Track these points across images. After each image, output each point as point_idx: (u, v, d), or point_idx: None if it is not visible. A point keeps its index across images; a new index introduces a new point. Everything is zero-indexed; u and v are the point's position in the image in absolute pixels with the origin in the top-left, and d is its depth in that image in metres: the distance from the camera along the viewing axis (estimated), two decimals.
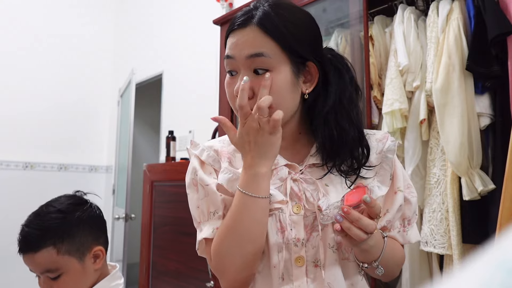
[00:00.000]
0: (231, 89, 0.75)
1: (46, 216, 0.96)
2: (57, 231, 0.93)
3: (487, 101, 1.26)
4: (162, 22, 3.49)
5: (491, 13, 1.21)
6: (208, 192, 0.75)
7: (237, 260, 0.69)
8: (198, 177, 0.77)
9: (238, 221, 0.69)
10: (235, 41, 0.73)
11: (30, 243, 0.93)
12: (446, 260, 1.31)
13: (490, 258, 0.17)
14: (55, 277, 0.93)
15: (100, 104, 4.01)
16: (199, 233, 0.75)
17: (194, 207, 0.78)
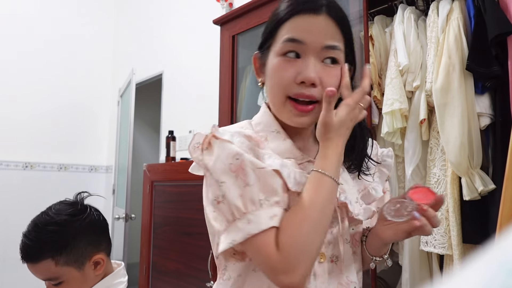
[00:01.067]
0: (289, 73, 0.70)
1: (44, 229, 0.96)
2: (54, 245, 0.95)
3: (487, 101, 1.26)
4: (162, 22, 3.49)
5: (491, 13, 1.21)
6: (262, 176, 0.66)
7: (314, 251, 0.64)
8: (247, 160, 0.66)
9: (320, 207, 0.65)
10: (308, 26, 0.70)
11: (29, 255, 0.95)
12: (446, 260, 1.31)
13: (490, 259, 0.17)
14: (57, 284, 0.96)
15: (100, 104, 4.01)
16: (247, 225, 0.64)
17: (235, 196, 0.65)
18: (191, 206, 2.07)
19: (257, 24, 1.85)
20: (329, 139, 0.69)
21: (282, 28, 0.72)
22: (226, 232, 0.66)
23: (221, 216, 0.67)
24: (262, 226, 0.64)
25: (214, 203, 0.67)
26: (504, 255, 0.16)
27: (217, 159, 0.67)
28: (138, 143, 3.96)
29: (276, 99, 0.73)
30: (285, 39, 0.71)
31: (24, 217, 3.72)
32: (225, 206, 0.66)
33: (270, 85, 0.74)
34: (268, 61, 0.75)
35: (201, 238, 1.97)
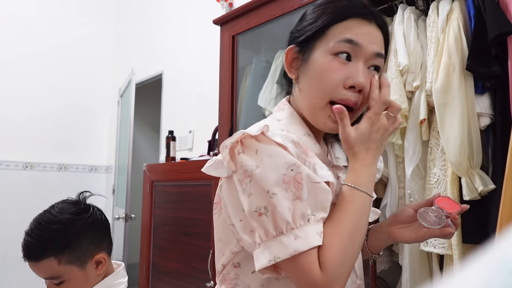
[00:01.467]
0: (339, 75, 0.68)
1: (47, 227, 0.96)
2: (57, 243, 0.95)
3: (487, 101, 1.26)
4: (162, 22, 3.49)
5: (491, 13, 1.21)
6: (314, 190, 0.63)
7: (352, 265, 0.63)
8: (304, 172, 0.62)
9: (358, 223, 0.64)
10: (366, 30, 0.70)
11: (31, 253, 0.95)
12: (446, 260, 1.31)
13: (490, 259, 0.17)
14: (58, 283, 0.96)
15: (100, 104, 4.01)
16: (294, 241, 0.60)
17: (285, 210, 0.61)
18: (191, 206, 2.07)
19: (257, 24, 1.85)
20: (355, 154, 0.68)
21: (336, 27, 0.70)
22: (264, 247, 0.61)
23: (260, 229, 0.62)
24: (311, 243, 0.60)
25: (254, 214, 0.62)
26: (504, 255, 0.16)
27: (270, 168, 0.61)
28: (138, 143, 3.96)
29: (317, 101, 0.70)
30: (342, 38, 0.68)
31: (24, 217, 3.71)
32: (268, 219, 0.61)
33: (313, 85, 0.70)
34: (313, 58, 0.71)
35: (201, 238, 1.97)
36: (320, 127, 0.72)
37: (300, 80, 0.73)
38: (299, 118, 0.75)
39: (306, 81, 0.72)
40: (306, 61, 0.72)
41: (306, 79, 0.72)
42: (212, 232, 1.89)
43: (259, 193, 0.62)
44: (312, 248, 0.60)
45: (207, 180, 1.98)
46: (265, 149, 0.62)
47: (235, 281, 0.72)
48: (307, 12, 0.77)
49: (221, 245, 0.73)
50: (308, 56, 0.72)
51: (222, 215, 0.71)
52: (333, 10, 0.71)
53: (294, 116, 0.75)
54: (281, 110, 0.77)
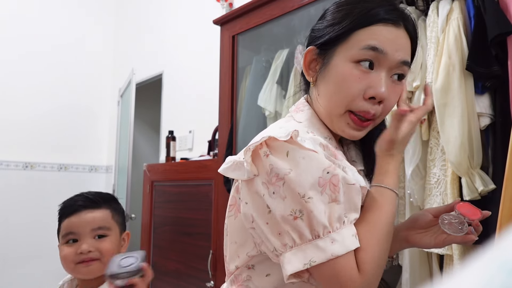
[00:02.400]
0: (360, 85, 0.65)
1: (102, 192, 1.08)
2: (112, 203, 1.06)
3: (487, 101, 1.26)
4: (162, 22, 3.49)
5: (491, 13, 1.21)
6: (349, 192, 0.62)
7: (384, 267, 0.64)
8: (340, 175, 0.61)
9: (391, 224, 0.65)
10: (392, 38, 0.65)
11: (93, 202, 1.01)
12: (446, 260, 1.31)
13: (490, 259, 0.17)
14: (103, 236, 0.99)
15: (100, 104, 4.01)
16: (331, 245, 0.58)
17: (321, 213, 0.59)
18: (191, 206, 2.07)
19: (257, 24, 1.85)
20: (392, 155, 0.69)
21: (361, 32, 0.65)
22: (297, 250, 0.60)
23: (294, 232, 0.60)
24: (349, 246, 0.59)
25: (289, 218, 0.60)
26: (504, 255, 0.16)
27: (305, 171, 0.59)
28: (138, 143, 3.96)
29: (335, 109, 0.68)
30: (366, 45, 0.65)
31: (24, 217, 3.70)
32: (303, 223, 0.59)
33: (331, 92, 0.68)
34: (334, 63, 0.68)
35: (201, 238, 1.97)
36: (339, 132, 0.71)
37: (319, 83, 0.71)
38: (320, 120, 0.72)
39: (324, 86, 0.69)
40: (326, 65, 0.69)
41: (325, 84, 0.69)
42: (212, 232, 1.89)
43: (293, 197, 0.60)
44: (349, 251, 0.59)
45: (207, 180, 1.98)
46: (297, 151, 0.60)
47: (247, 283, 0.71)
48: (329, 9, 0.72)
49: (236, 247, 0.71)
50: (328, 60, 0.68)
51: (238, 217, 0.69)
52: (360, 12, 0.66)
53: (315, 118, 0.72)
54: (301, 112, 0.74)
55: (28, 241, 3.35)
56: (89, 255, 0.95)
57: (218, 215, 1.85)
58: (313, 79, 0.72)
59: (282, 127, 0.65)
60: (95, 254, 0.95)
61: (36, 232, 3.38)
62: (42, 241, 3.39)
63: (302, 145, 0.60)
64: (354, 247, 0.60)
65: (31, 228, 3.37)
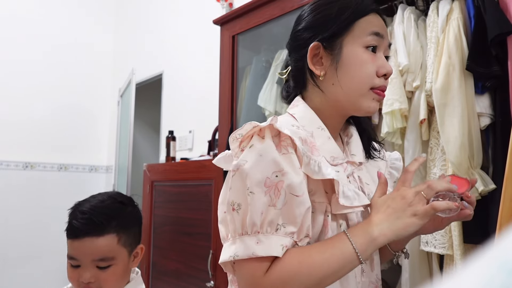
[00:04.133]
0: (374, 66, 0.73)
1: (111, 205, 0.95)
2: (120, 220, 0.94)
3: (487, 101, 1.26)
4: (162, 22, 3.49)
5: (491, 13, 1.21)
6: (292, 203, 0.62)
7: None
8: (287, 181, 0.61)
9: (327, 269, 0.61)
10: (381, 24, 0.76)
11: (97, 226, 0.91)
12: (446, 260, 1.31)
13: (490, 259, 0.17)
14: (105, 267, 0.91)
15: (100, 104, 4.01)
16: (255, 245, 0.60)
17: (257, 212, 0.61)
18: (191, 206, 2.07)
19: (257, 24, 1.85)
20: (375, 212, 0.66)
21: (362, 21, 0.73)
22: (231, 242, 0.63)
23: (231, 224, 0.64)
24: (271, 251, 0.60)
25: (229, 207, 0.63)
26: (504, 255, 0.16)
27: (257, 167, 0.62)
28: (138, 143, 3.96)
29: (358, 89, 0.73)
30: (372, 32, 0.73)
31: (24, 217, 3.70)
32: (239, 217, 0.62)
33: (353, 75, 0.73)
34: (346, 52, 0.73)
35: (201, 238, 1.97)
36: (364, 110, 0.74)
37: (333, 74, 0.74)
38: (313, 112, 0.76)
39: (343, 74, 0.73)
40: (338, 55, 0.73)
41: (344, 71, 0.73)
42: (212, 232, 1.89)
43: (239, 189, 0.62)
44: (269, 256, 0.60)
45: (207, 180, 1.98)
46: (259, 147, 0.62)
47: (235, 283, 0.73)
48: (311, 9, 0.77)
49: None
50: (340, 50, 0.73)
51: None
52: (356, 5, 0.74)
53: (308, 110, 0.76)
54: (295, 107, 0.78)
55: (28, 241, 3.35)
56: (89, 285, 0.90)
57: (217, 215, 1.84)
58: (322, 72, 0.75)
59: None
60: (96, 284, 0.90)
61: (36, 232, 3.38)
62: (42, 241, 3.39)
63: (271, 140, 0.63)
64: (275, 254, 0.60)
65: (31, 228, 3.37)
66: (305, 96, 0.79)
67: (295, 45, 0.78)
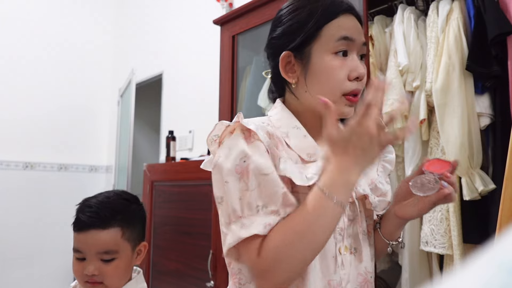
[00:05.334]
0: (344, 71, 0.72)
1: (116, 201, 0.99)
2: (125, 215, 0.97)
3: (487, 101, 1.26)
4: (162, 22, 3.49)
5: (491, 13, 1.21)
6: (265, 182, 0.64)
7: (296, 267, 0.63)
8: (253, 164, 0.64)
9: (312, 226, 0.61)
10: (354, 24, 0.74)
11: (102, 219, 0.94)
12: (446, 260, 1.31)
13: (490, 259, 0.17)
14: (109, 260, 0.94)
15: (100, 104, 4.01)
16: (240, 229, 0.63)
17: (235, 198, 0.64)
18: (191, 206, 2.07)
19: (257, 24, 1.85)
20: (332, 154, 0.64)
21: (329, 26, 0.72)
22: (224, 234, 0.67)
23: (221, 217, 0.69)
24: (252, 231, 0.62)
25: (218, 200, 0.69)
26: (504, 255, 0.16)
27: (228, 158, 0.67)
28: (138, 143, 3.95)
29: (331, 96, 0.70)
30: (340, 37, 0.72)
31: (24, 217, 3.70)
32: (223, 208, 0.67)
33: (323, 83, 0.73)
34: (315, 60, 0.73)
35: (201, 238, 1.97)
36: (339, 115, 0.74)
37: (303, 83, 0.75)
38: (290, 113, 0.77)
39: (314, 81, 0.74)
40: (308, 63, 0.74)
41: (314, 79, 0.73)
42: (212, 232, 1.89)
43: (217, 183, 0.68)
44: (255, 236, 0.63)
45: (207, 180, 1.97)
46: (228, 142, 0.69)
47: (239, 275, 0.74)
48: (284, 14, 0.78)
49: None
50: (308, 59, 0.73)
51: None
52: (322, 9, 0.73)
53: (285, 112, 0.78)
54: (274, 108, 0.81)
55: (28, 241, 3.35)
56: (93, 277, 0.93)
57: (218, 215, 1.84)
58: (294, 80, 0.76)
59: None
60: (99, 277, 0.93)
61: (36, 232, 3.38)
62: (42, 241, 3.39)
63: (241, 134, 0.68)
64: (254, 232, 0.62)
65: (31, 228, 3.37)
66: (285, 99, 0.81)
67: (270, 52, 0.80)
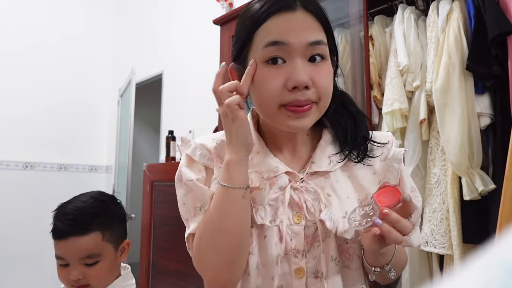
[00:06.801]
0: (278, 80, 0.64)
1: (93, 204, 0.99)
2: (103, 218, 0.98)
3: (487, 101, 1.26)
4: (162, 22, 3.49)
5: (491, 13, 1.21)
6: (192, 187, 0.71)
7: (213, 257, 0.66)
8: (182, 173, 0.73)
9: (213, 213, 0.66)
10: (288, 25, 0.64)
11: (80, 226, 0.94)
12: (446, 260, 1.31)
13: (490, 259, 0.17)
14: (92, 263, 0.95)
15: (100, 104, 4.01)
16: (187, 230, 0.73)
17: (180, 205, 0.74)
18: None
19: None
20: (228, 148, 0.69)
21: (259, 32, 0.65)
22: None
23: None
24: (190, 231, 0.71)
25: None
26: (504, 255, 0.16)
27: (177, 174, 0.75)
28: (138, 143, 3.96)
29: (268, 110, 0.66)
30: (266, 43, 0.64)
31: (24, 217, 3.69)
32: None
33: (258, 96, 0.67)
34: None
35: None
36: (286, 129, 0.68)
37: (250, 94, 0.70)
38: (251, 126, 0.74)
39: (253, 94, 0.69)
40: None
41: (252, 92, 0.69)
42: None
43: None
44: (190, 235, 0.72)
45: None
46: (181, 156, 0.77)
47: None
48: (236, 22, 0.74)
49: None
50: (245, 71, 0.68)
51: None
52: (254, 13, 0.67)
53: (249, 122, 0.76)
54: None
55: (28, 241, 3.35)
56: (78, 282, 0.94)
57: None
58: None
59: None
60: (84, 281, 0.94)
61: (36, 232, 3.38)
62: (42, 241, 3.38)
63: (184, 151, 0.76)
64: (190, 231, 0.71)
65: (31, 228, 3.37)
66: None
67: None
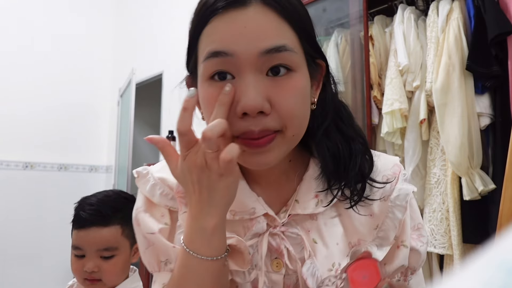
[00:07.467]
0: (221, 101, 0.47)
1: (116, 199, 1.00)
2: (125, 213, 0.96)
3: (487, 101, 1.26)
4: (162, 22, 3.49)
5: (491, 13, 1.21)
6: (154, 242, 0.56)
7: None
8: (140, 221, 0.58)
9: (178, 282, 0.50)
10: (234, 28, 0.46)
11: (103, 216, 0.95)
12: (446, 260, 1.31)
13: (490, 259, 0.17)
14: (108, 257, 0.94)
15: (100, 104, 4.01)
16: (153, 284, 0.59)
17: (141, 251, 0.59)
18: None
19: None
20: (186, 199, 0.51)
21: (202, 37, 0.49)
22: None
23: None
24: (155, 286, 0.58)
25: None
26: (504, 255, 0.16)
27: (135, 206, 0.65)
28: (138, 143, 3.96)
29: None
30: (206, 54, 0.47)
31: (24, 217, 3.70)
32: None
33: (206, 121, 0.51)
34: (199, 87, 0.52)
35: None
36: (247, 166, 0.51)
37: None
38: None
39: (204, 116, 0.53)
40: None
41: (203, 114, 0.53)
42: None
43: None
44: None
45: None
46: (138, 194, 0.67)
47: None
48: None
49: None
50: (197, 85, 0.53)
51: None
52: (198, 11, 0.51)
53: None
54: None
55: (28, 241, 3.35)
56: (92, 274, 0.93)
57: None
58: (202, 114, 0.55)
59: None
60: (98, 274, 0.94)
61: (36, 232, 3.38)
62: (42, 241, 3.39)
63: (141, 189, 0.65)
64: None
65: (31, 228, 3.37)
66: None
67: None
